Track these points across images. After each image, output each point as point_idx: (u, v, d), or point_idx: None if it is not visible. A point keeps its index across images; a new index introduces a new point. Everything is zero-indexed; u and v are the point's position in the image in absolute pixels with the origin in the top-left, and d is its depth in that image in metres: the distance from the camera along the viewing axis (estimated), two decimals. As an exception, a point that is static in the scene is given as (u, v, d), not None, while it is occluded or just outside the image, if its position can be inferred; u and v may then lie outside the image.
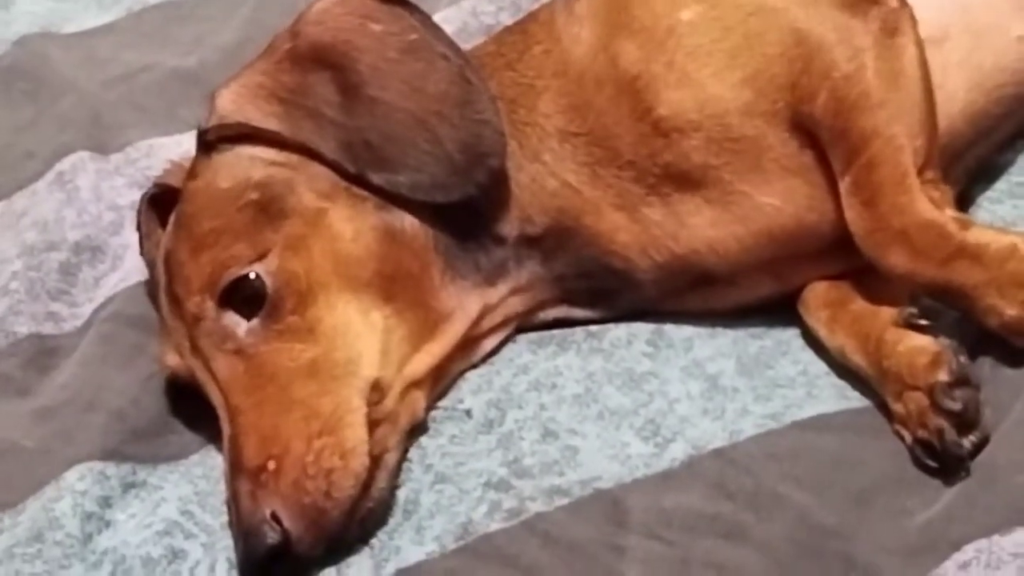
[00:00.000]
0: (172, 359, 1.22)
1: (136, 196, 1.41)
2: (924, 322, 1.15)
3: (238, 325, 1.16)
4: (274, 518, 1.09)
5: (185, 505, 1.19)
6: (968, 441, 1.09)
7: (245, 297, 1.16)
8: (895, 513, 1.08)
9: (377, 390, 1.16)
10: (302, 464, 1.10)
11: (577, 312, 1.28)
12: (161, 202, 1.32)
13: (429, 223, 1.21)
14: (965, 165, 1.29)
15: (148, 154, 1.56)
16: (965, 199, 1.28)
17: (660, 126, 1.20)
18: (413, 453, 1.18)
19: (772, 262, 1.23)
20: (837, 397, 1.17)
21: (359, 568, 1.11)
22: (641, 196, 1.22)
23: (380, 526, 1.13)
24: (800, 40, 1.18)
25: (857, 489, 1.10)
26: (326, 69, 1.20)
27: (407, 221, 1.20)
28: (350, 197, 1.20)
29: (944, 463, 1.09)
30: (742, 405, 1.17)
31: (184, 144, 1.44)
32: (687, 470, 1.13)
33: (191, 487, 1.21)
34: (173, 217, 1.23)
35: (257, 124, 1.20)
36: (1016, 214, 1.28)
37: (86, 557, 1.16)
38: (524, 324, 1.28)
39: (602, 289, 1.26)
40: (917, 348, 1.12)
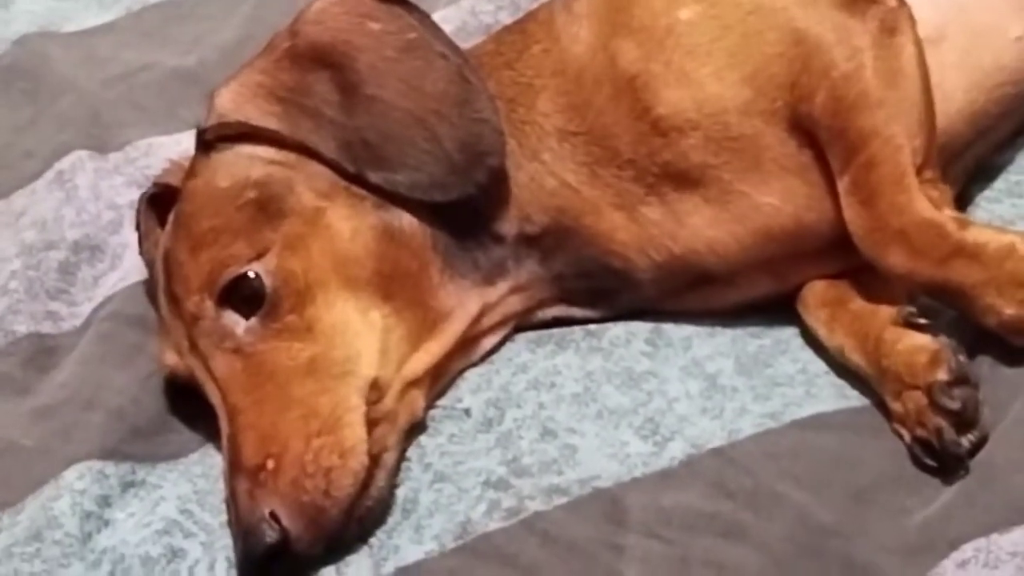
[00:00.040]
0: (171, 358, 1.22)
1: (135, 195, 1.41)
2: (923, 321, 1.14)
3: (237, 324, 1.16)
4: (273, 517, 1.09)
5: (184, 504, 1.19)
6: (967, 440, 1.09)
7: (244, 296, 1.16)
8: (894, 512, 1.08)
9: (376, 389, 1.16)
10: (301, 463, 1.10)
11: (576, 311, 1.28)
12: (160, 201, 1.32)
13: (428, 222, 1.21)
14: (963, 164, 1.29)
15: (147, 153, 1.56)
16: (963, 198, 1.28)
17: (659, 125, 1.20)
18: (412, 452, 1.18)
19: (771, 261, 1.23)
20: (836, 396, 1.17)
21: (358, 567, 1.11)
22: (640, 195, 1.22)
23: (379, 525, 1.13)
24: (799, 39, 1.18)
25: (856, 488, 1.10)
26: (325, 68, 1.20)
27: (406, 220, 1.20)
28: (349, 196, 1.20)
29: (943, 462, 1.09)
30: (741, 404, 1.17)
31: (183, 143, 1.43)
32: (686, 469, 1.13)
33: (190, 486, 1.21)
34: (172, 216, 1.23)
35: (256, 123, 1.20)
36: (1014, 213, 1.28)
37: (85, 556, 1.16)
38: (523, 323, 1.28)
39: (601, 288, 1.26)
40: (916, 347, 1.12)
